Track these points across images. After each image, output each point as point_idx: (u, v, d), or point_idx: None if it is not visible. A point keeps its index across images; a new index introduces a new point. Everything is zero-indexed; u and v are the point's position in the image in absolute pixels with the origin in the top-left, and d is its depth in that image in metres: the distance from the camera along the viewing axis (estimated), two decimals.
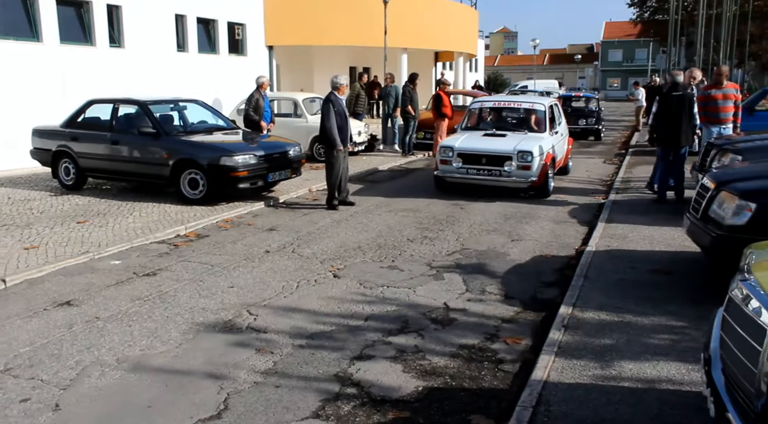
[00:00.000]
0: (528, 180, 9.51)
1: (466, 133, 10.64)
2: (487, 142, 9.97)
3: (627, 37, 69.75)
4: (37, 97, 12.95)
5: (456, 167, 9.79)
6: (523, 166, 9.44)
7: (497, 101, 12.22)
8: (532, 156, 9.39)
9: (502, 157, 9.53)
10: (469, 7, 30.08)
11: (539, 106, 10.91)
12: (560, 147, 10.98)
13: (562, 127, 11.57)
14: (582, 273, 5.89)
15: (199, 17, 17.57)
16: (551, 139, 10.26)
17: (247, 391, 3.84)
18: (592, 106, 20.86)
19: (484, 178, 9.72)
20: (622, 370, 3.93)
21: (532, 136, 10.16)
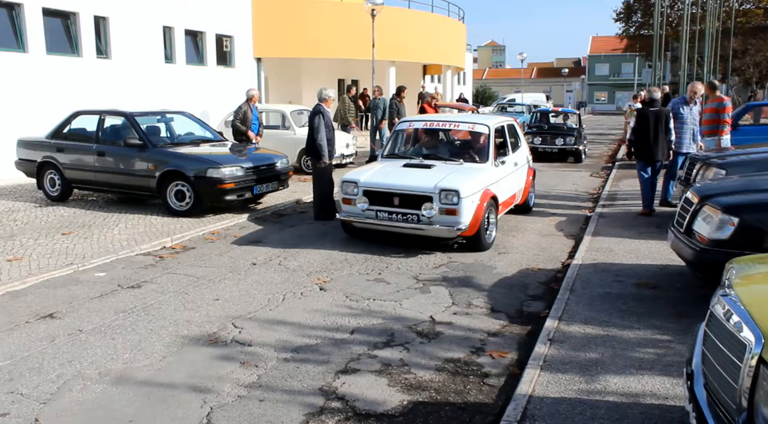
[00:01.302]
0: (455, 228, 7.04)
1: (385, 162, 8.27)
2: (403, 177, 7.48)
3: (613, 52, 70.51)
4: (22, 107, 12.87)
5: (361, 209, 7.38)
6: (447, 210, 7.00)
7: (429, 121, 9.17)
8: (459, 196, 6.94)
9: (419, 197, 7.09)
10: (456, 21, 30.30)
11: (481, 129, 8.34)
12: (511, 182, 8.50)
13: (519, 155, 9.14)
14: (568, 286, 5.91)
15: (187, 29, 17.59)
16: (494, 172, 7.87)
17: (230, 405, 3.81)
18: (572, 123, 18.88)
19: (397, 224, 7.28)
20: (607, 384, 3.94)
21: (467, 168, 7.78)
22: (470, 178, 7.35)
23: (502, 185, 7.98)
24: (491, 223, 7.65)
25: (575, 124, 18.61)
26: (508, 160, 8.44)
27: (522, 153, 9.39)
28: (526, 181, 9.44)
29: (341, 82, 26.34)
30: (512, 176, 8.55)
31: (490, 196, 7.44)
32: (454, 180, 7.18)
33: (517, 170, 8.82)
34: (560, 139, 17.31)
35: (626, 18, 45.68)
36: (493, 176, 7.77)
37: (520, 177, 9.04)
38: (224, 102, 17.16)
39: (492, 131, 8.25)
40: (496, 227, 7.79)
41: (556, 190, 12.26)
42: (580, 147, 17.29)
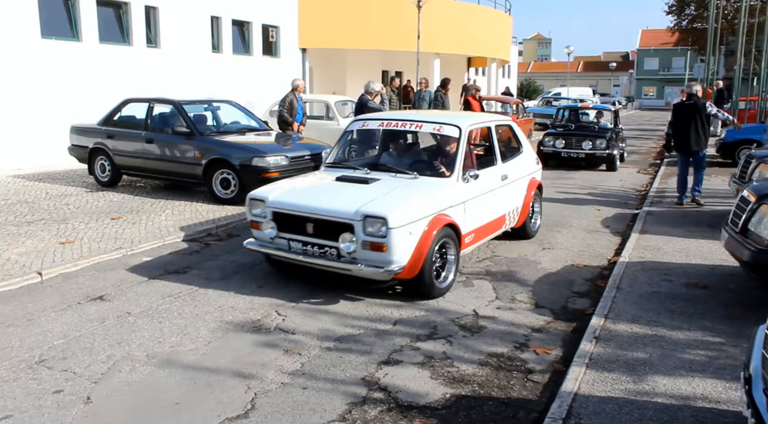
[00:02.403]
0: (386, 270, 5.11)
1: (321, 173, 6.56)
2: (323, 195, 5.66)
3: (663, 46, 68.71)
4: (76, 94, 13.22)
5: (269, 236, 5.62)
6: (372, 244, 5.11)
7: (386, 121, 6.86)
8: (387, 226, 5.02)
9: (336, 224, 5.24)
10: (503, 13, 29.92)
11: (449, 131, 6.32)
12: (495, 201, 6.58)
13: (514, 166, 7.19)
14: (615, 284, 5.79)
15: (234, 19, 17.78)
16: (460, 191, 5.87)
17: (274, 391, 3.85)
18: (605, 123, 15.51)
19: (313, 261, 5.42)
20: (656, 385, 3.84)
21: (421, 183, 5.84)
22: (413, 199, 5.42)
23: (472, 208, 6.01)
24: (449, 260, 5.67)
25: (610, 123, 15.54)
26: (489, 173, 6.49)
27: (520, 162, 7.40)
28: (525, 197, 7.36)
29: (385, 73, 26.30)
30: (497, 194, 6.58)
31: (443, 224, 5.41)
32: (384, 203, 5.23)
33: (507, 185, 6.81)
34: (588, 142, 14.14)
35: (678, 10, 44.42)
36: (455, 196, 5.78)
37: (512, 194, 7.02)
38: (269, 92, 17.30)
39: (464, 135, 6.19)
40: (456, 265, 5.73)
41: (602, 187, 12.01)
42: (614, 152, 14.19)
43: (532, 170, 7.74)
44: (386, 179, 5.91)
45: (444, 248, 5.62)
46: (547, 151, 14.15)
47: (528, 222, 7.58)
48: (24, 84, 12.44)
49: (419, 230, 5.25)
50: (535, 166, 7.90)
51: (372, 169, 6.19)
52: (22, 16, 12.45)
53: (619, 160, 14.86)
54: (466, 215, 5.92)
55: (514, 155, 7.44)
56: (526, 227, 7.56)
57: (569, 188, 11.70)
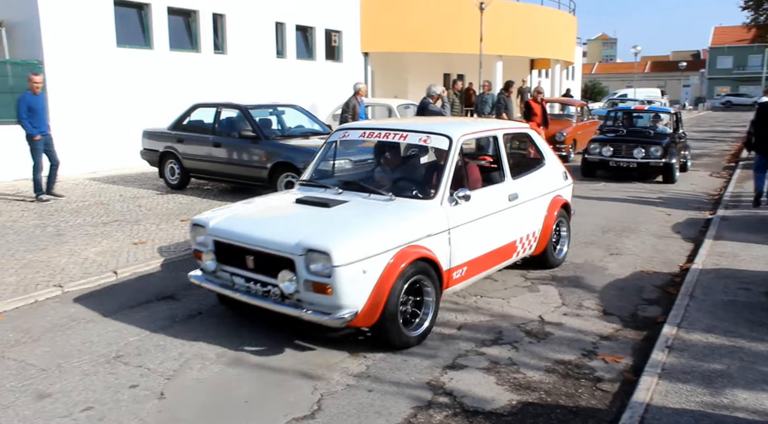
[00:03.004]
0: (335, 316, 4.12)
1: (291, 192, 5.60)
2: (270, 222, 4.81)
3: (738, 43, 65.83)
4: (147, 100, 13.74)
5: (210, 267, 4.79)
6: (314, 285, 4.16)
7: (369, 130, 5.81)
8: (331, 263, 4.05)
9: (276, 258, 4.31)
10: (567, 14, 29.35)
11: (437, 142, 5.25)
12: (496, 227, 5.47)
13: (528, 182, 6.08)
14: (688, 292, 5.58)
15: (298, 25, 18.10)
16: (446, 216, 4.84)
17: (340, 393, 3.88)
18: (663, 127, 13.68)
19: (253, 301, 4.50)
20: (735, 399, 3.67)
21: (395, 208, 4.81)
22: (372, 228, 4.42)
23: (463, 236, 4.96)
24: (426, 303, 4.65)
25: (669, 127, 13.68)
26: (491, 192, 5.49)
27: (539, 178, 6.31)
28: (546, 219, 6.24)
29: (447, 76, 26.22)
30: (502, 217, 5.52)
31: (414, 259, 4.39)
32: (331, 233, 4.26)
33: (518, 206, 5.74)
34: (641, 149, 12.25)
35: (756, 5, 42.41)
36: (436, 222, 4.73)
37: (526, 216, 5.94)
38: (332, 96, 17.53)
39: (455, 146, 5.11)
40: (434, 307, 4.68)
41: (672, 191, 11.60)
42: (672, 160, 12.18)
43: (557, 187, 6.56)
44: (355, 201, 4.92)
45: (419, 287, 4.60)
46: (592, 160, 12.72)
47: (550, 249, 6.38)
48: (100, 90, 13.01)
49: (378, 266, 4.22)
50: (562, 181, 6.70)
51: (345, 188, 5.20)
52: (100, 26, 13.04)
53: (679, 171, 13.01)
54: (453, 245, 4.85)
55: (531, 170, 6.33)
56: (547, 254, 6.35)
57: (637, 192, 11.36)
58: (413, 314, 4.60)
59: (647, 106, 15.83)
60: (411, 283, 4.46)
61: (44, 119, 9.58)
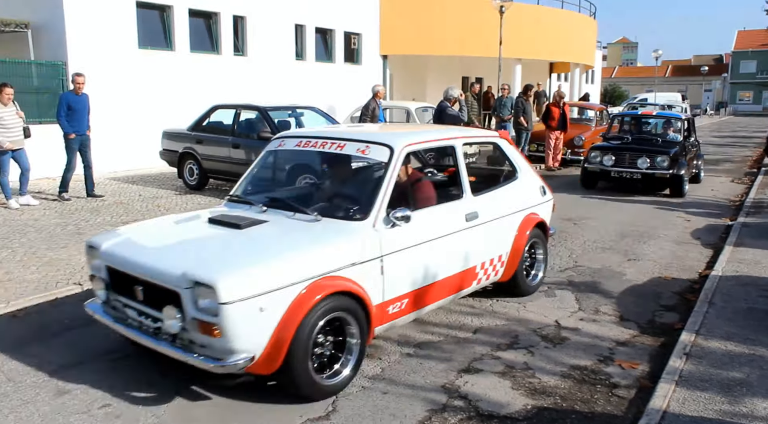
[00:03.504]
0: (227, 363, 3.45)
1: (214, 210, 4.89)
2: (169, 246, 4.15)
3: (763, 47, 64.96)
4: (168, 101, 13.88)
5: (102, 297, 4.18)
6: (201, 324, 3.50)
7: (304, 139, 5.02)
8: (217, 299, 3.38)
9: (163, 290, 3.65)
10: (587, 17, 29.16)
11: (377, 153, 4.53)
12: (453, 253, 4.76)
13: (490, 200, 5.24)
14: (707, 298, 5.52)
15: (318, 27, 18.18)
16: (378, 241, 4.13)
17: (354, 395, 3.89)
18: (673, 134, 12.34)
19: (143, 340, 3.82)
20: (755, 408, 3.63)
21: (322, 228, 4.16)
22: (276, 255, 3.72)
23: (401, 263, 4.25)
24: (349, 345, 3.95)
25: (680, 134, 12.26)
26: (443, 212, 4.75)
27: (508, 194, 5.55)
28: (516, 241, 5.45)
29: (465, 79, 26.18)
30: (457, 240, 4.76)
31: (331, 292, 3.71)
32: (222, 262, 3.60)
33: (479, 226, 4.97)
34: (645, 159, 11.09)
35: None
36: (365, 248, 4.02)
37: (490, 238, 5.15)
38: (350, 98, 17.58)
39: (396, 159, 4.42)
40: (359, 349, 3.97)
41: (692, 196, 11.48)
42: (680, 172, 11.00)
43: (531, 204, 5.77)
44: (274, 222, 4.25)
45: (339, 325, 3.89)
46: (593, 170, 11.59)
47: (521, 274, 5.59)
48: (121, 91, 13.17)
49: (282, 302, 3.55)
50: (538, 197, 5.90)
51: (271, 205, 4.56)
52: (123, 28, 13.21)
53: (690, 183, 11.94)
54: (388, 276, 4.14)
55: (499, 184, 5.58)
56: (517, 280, 5.56)
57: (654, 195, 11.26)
58: (334, 357, 3.90)
59: (655, 112, 14.48)
60: (329, 320, 3.77)
61: (83, 120, 9.72)
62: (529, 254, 5.79)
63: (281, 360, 3.55)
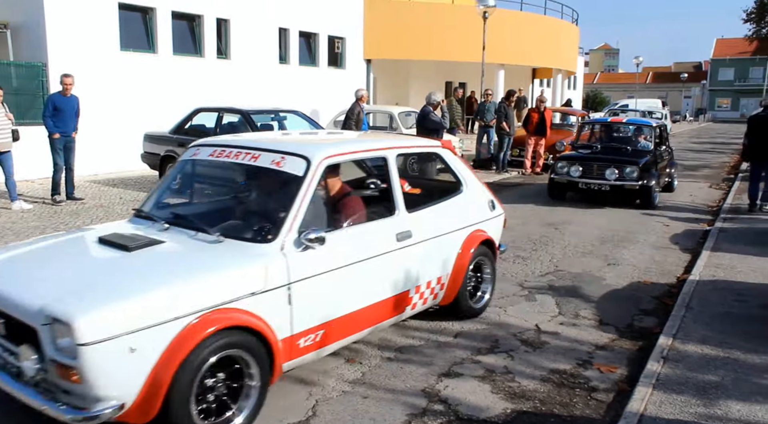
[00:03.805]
0: (90, 413, 2.92)
1: (116, 225, 4.36)
2: (40, 270, 3.56)
3: (740, 55, 66.03)
4: (150, 104, 13.77)
5: None
6: (60, 367, 2.94)
7: (219, 148, 4.48)
8: (74, 340, 2.85)
9: (23, 326, 3.10)
10: (569, 24, 29.43)
11: (292, 165, 4.05)
12: (380, 277, 4.30)
13: (428, 217, 4.78)
14: (684, 303, 5.59)
15: (302, 31, 18.16)
16: (286, 266, 3.63)
17: (335, 399, 3.89)
18: (644, 143, 11.87)
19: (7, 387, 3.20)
20: (729, 410, 3.68)
21: (224, 250, 3.68)
22: (153, 286, 3.19)
23: (313, 292, 3.75)
24: (246, 388, 3.46)
25: (650, 142, 11.75)
26: (369, 231, 4.29)
27: (450, 209, 5.06)
28: (458, 260, 4.99)
29: (449, 84, 26.30)
30: (386, 262, 4.29)
31: (220, 328, 3.22)
32: (84, 294, 3.08)
33: (414, 246, 4.50)
34: (613, 169, 10.55)
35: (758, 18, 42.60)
36: (266, 276, 3.52)
37: (427, 258, 4.68)
38: (334, 102, 17.58)
39: (312, 172, 3.95)
40: (260, 393, 3.49)
41: (671, 202, 11.62)
42: (650, 182, 10.54)
43: (478, 220, 5.29)
44: (171, 243, 3.75)
45: (234, 365, 3.39)
46: (560, 181, 11.09)
47: (464, 296, 5.12)
48: (103, 93, 13.05)
49: (158, 341, 3.06)
50: (486, 212, 5.44)
51: (174, 222, 4.06)
52: (104, 30, 13.09)
53: (663, 191, 11.96)
54: (298, 305, 3.64)
55: (440, 199, 5.07)
56: (460, 303, 5.11)
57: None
58: (226, 402, 3.39)
59: (625, 119, 13.75)
60: (222, 359, 3.27)
61: (69, 121, 9.62)
62: (475, 275, 5.35)
63: (158, 408, 3.05)
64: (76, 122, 9.74)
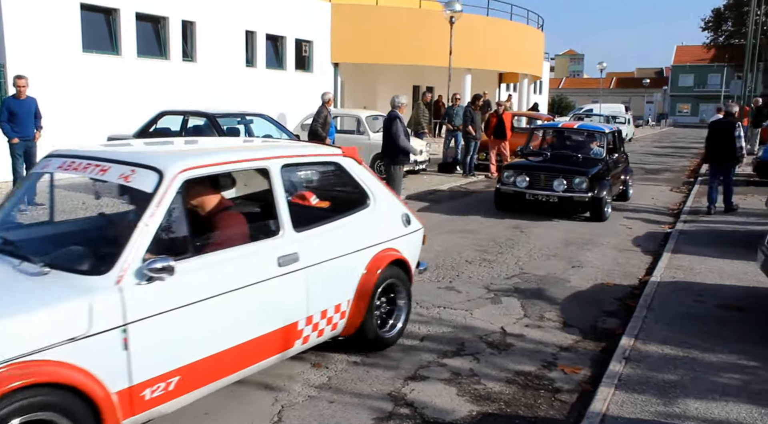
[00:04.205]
0: None
1: None
2: None
3: (699, 62, 67.79)
4: (114, 107, 13.54)
5: None
6: None
7: (68, 160, 3.71)
8: None
9: None
10: (535, 29, 29.85)
11: (141, 180, 3.37)
12: (256, 308, 3.69)
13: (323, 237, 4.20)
14: (645, 304, 5.71)
15: (269, 34, 18.08)
16: (121, 303, 2.99)
17: (301, 404, 3.87)
18: (597, 149, 10.98)
19: None
20: (687, 408, 3.77)
21: (48, 284, 2.99)
22: None
23: (161, 332, 3.16)
24: None
25: (603, 149, 10.91)
26: (238, 257, 3.60)
27: (354, 226, 4.44)
28: (361, 285, 4.38)
29: (416, 88, 26.44)
30: (264, 291, 3.69)
31: (15, 387, 2.58)
32: None
33: (295, 273, 3.87)
34: (561, 180, 9.87)
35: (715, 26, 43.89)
36: (93, 317, 2.90)
37: (314, 286, 4.02)
38: (301, 106, 17.51)
39: (165, 189, 3.32)
40: None
41: (633, 205, 11.86)
42: (601, 194, 9.84)
43: (388, 237, 4.66)
44: None
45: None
46: (506, 191, 10.32)
47: (371, 325, 4.48)
48: (64, 96, 12.77)
49: None
50: (399, 228, 4.81)
51: (2, 248, 3.44)
52: (65, 30, 12.84)
53: (618, 200, 11.48)
54: (139, 349, 3.05)
55: (337, 215, 4.39)
56: (366, 333, 4.48)
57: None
58: None
59: (577, 125, 12.68)
60: None
61: (27, 124, 9.41)
62: (387, 300, 4.73)
63: None
64: (36, 124, 9.52)
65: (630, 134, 32.06)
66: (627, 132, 30.77)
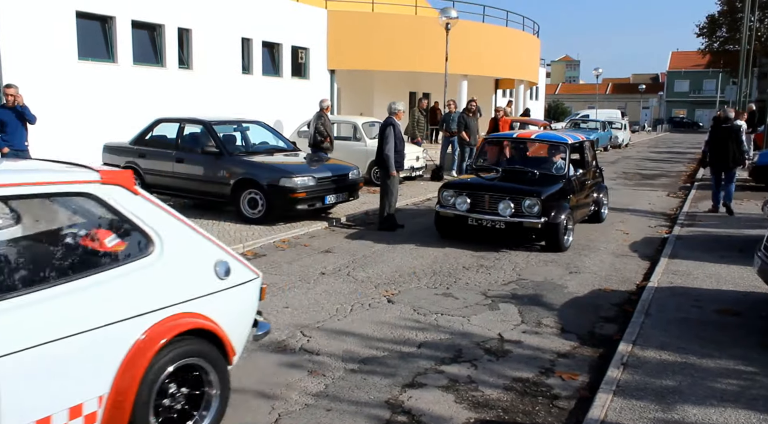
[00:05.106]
0: None
1: None
2: None
3: (694, 68, 68.08)
4: (110, 114, 13.53)
5: None
6: None
7: None
8: None
9: None
10: (531, 35, 29.94)
11: None
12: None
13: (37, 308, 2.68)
14: (643, 310, 5.70)
15: (265, 41, 18.10)
16: None
17: (298, 412, 3.85)
18: (560, 163, 9.05)
19: None
20: (686, 414, 3.76)
21: None
22: None
23: None
24: None
25: (564, 165, 8.94)
26: None
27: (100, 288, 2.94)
28: (122, 372, 2.95)
29: (413, 94, 26.46)
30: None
31: None
32: None
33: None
34: (508, 202, 8.09)
35: (710, 33, 44.11)
36: None
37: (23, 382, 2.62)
38: (298, 113, 17.52)
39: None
40: None
41: (630, 210, 11.87)
42: (558, 219, 8.06)
43: (186, 296, 3.30)
44: None
45: None
46: (446, 215, 8.59)
47: None
48: (60, 104, 12.77)
49: None
50: (209, 282, 3.48)
51: None
52: (61, 38, 12.83)
53: (590, 222, 9.95)
54: None
55: (90, 270, 3.01)
56: None
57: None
58: None
59: (533, 135, 10.30)
60: None
61: (17, 134, 9.33)
62: (186, 390, 3.32)
63: None
64: (25, 134, 9.47)
65: (626, 140, 32.17)
66: (623, 137, 30.90)
